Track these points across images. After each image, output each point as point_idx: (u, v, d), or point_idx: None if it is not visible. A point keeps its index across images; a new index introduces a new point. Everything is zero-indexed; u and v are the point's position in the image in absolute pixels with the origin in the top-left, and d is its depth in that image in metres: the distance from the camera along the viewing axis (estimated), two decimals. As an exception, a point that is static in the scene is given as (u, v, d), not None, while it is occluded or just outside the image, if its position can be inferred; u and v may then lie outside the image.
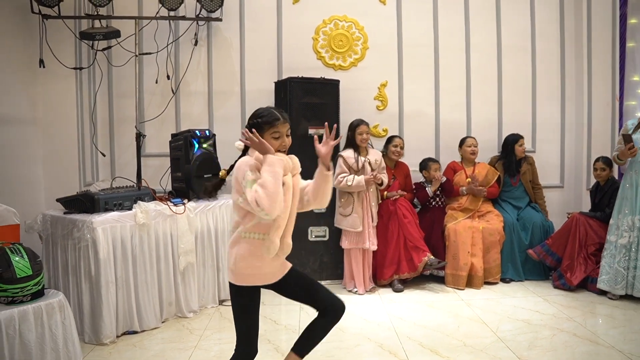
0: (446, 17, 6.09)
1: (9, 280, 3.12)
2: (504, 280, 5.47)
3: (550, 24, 6.22)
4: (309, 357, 2.82)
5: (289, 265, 2.79)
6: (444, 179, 5.66)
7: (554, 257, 5.32)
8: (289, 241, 2.66)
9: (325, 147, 2.64)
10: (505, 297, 5.02)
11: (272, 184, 2.44)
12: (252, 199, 2.42)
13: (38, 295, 3.26)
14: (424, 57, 6.10)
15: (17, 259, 3.20)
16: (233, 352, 2.67)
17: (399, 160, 5.73)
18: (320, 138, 2.71)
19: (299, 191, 2.71)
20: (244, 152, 2.70)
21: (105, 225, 3.97)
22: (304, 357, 2.80)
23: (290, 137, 2.70)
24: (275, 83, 5.71)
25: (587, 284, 5.13)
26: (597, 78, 6.10)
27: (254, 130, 2.56)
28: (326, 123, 2.79)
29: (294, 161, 2.68)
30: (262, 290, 2.71)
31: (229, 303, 4.70)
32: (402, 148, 5.63)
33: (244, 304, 2.66)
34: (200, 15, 5.60)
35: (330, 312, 2.78)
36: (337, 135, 2.72)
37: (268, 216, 2.45)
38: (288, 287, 2.77)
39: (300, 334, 2.85)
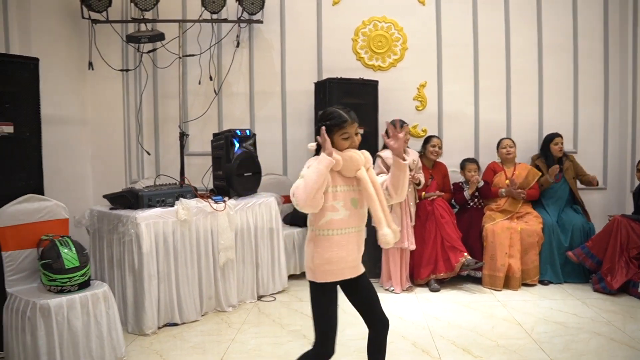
0: (486, 16, 6.07)
1: (58, 270, 3.31)
2: (542, 282, 5.41)
3: (593, 22, 6.11)
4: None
5: (363, 269, 2.82)
6: (482, 183, 5.65)
7: (594, 259, 5.23)
8: (395, 228, 2.70)
9: (395, 140, 2.65)
10: (542, 299, 4.97)
11: (311, 180, 2.50)
12: (291, 189, 2.54)
13: (84, 285, 3.44)
14: (463, 58, 6.10)
15: (65, 250, 3.38)
16: (311, 348, 2.66)
17: (437, 160, 5.75)
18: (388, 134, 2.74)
19: (378, 182, 2.73)
20: (317, 152, 2.71)
21: (148, 220, 4.13)
22: None
23: (359, 135, 2.73)
24: (315, 84, 5.80)
25: (629, 288, 5.02)
26: (643, 76, 5.99)
27: (322, 129, 2.60)
28: (387, 122, 2.83)
29: (365, 155, 2.72)
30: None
31: (268, 299, 4.88)
32: (440, 148, 5.66)
33: (325, 301, 2.66)
34: (241, 18, 5.75)
35: (380, 326, 2.79)
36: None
37: (299, 207, 2.53)
38: (356, 290, 2.79)
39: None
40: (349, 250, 2.68)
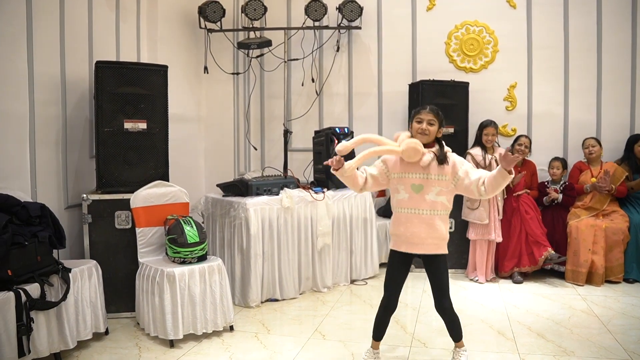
0: (577, 18, 6.15)
1: (182, 244, 3.93)
2: (627, 280, 5.44)
3: (692, 19, 6.03)
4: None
5: (443, 250, 3.27)
6: (560, 197, 5.77)
7: (680, 259, 5.25)
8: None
9: (505, 160, 2.99)
10: (625, 296, 5.05)
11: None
12: None
13: (202, 259, 4.03)
14: (553, 59, 6.22)
15: (188, 228, 3.99)
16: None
17: (526, 158, 5.96)
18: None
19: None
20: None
21: (256, 207, 4.69)
22: (458, 340, 3.49)
23: (433, 126, 3.22)
24: (409, 85, 6.16)
25: None
26: None
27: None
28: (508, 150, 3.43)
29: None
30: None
31: (360, 283, 5.34)
32: (527, 147, 5.84)
33: (389, 263, 3.38)
34: (341, 25, 6.22)
35: (437, 307, 3.35)
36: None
37: None
38: (427, 266, 3.33)
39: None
40: (407, 227, 3.20)
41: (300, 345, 3.87)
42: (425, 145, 3.19)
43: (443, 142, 3.29)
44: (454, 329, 3.40)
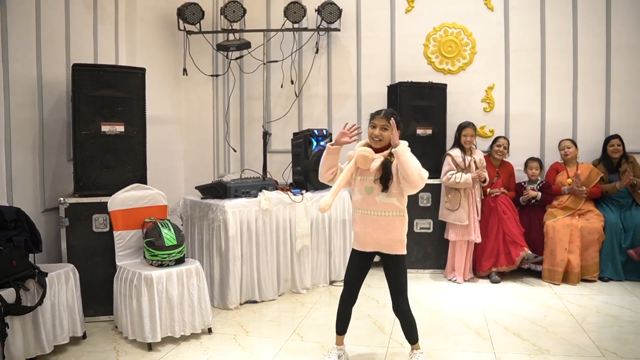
0: (554, 21, 6.23)
1: (159, 247, 3.94)
2: (602, 278, 5.53)
3: (665, 21, 6.13)
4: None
5: (399, 251, 3.35)
6: (539, 196, 5.86)
7: (655, 258, 5.34)
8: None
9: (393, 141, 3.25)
10: (600, 294, 5.13)
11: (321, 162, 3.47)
12: None
13: (180, 261, 4.04)
14: (531, 61, 6.30)
15: (165, 231, 4.00)
16: None
17: (504, 159, 6.03)
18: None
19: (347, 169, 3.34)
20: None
21: (234, 209, 4.69)
22: (414, 343, 3.50)
23: (386, 131, 3.32)
24: (388, 87, 6.21)
25: (690, 287, 5.13)
26: None
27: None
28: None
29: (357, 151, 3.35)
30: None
31: (339, 284, 5.36)
32: (505, 148, 5.92)
33: (349, 260, 3.52)
34: (320, 27, 6.24)
35: (393, 308, 3.44)
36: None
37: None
38: (385, 265, 3.43)
39: None
40: (362, 227, 3.33)
41: (278, 347, 3.89)
42: (380, 149, 3.32)
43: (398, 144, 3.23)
44: (410, 331, 3.45)
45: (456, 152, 5.66)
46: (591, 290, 5.28)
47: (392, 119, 3.24)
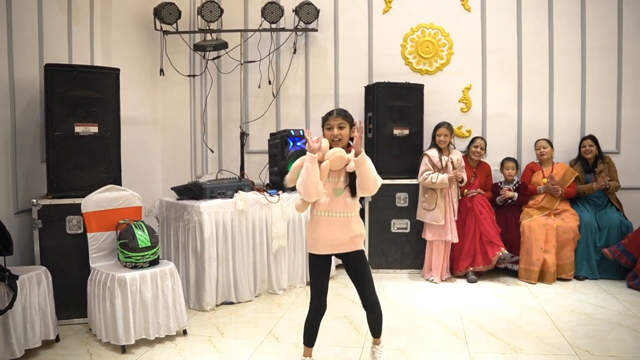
0: (530, 21, 6.29)
1: (133, 249, 3.90)
2: (577, 277, 5.59)
3: (639, 23, 6.17)
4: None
5: (359, 246, 3.33)
6: (515, 196, 5.89)
7: (629, 257, 5.37)
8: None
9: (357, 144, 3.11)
10: (575, 292, 5.19)
11: (302, 176, 3.12)
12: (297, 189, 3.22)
13: (154, 263, 4.01)
14: (507, 61, 6.35)
15: (139, 232, 3.97)
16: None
17: (481, 160, 6.07)
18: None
19: (322, 169, 3.16)
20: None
21: (210, 210, 4.67)
22: (379, 336, 3.49)
23: (344, 129, 3.23)
24: (365, 87, 6.22)
25: (663, 286, 5.18)
26: (689, 77, 6.06)
27: (307, 131, 3.28)
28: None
29: (329, 151, 3.19)
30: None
31: (316, 284, 5.34)
32: (482, 149, 5.96)
33: (311, 267, 3.37)
34: (298, 27, 6.24)
35: (365, 305, 3.35)
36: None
37: (307, 199, 3.23)
38: (348, 265, 3.38)
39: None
40: (328, 230, 3.23)
41: (253, 348, 3.89)
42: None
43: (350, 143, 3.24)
44: (380, 324, 3.44)
45: (433, 152, 5.69)
46: (567, 289, 5.33)
47: (359, 121, 3.13)
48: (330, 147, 3.21)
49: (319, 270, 3.33)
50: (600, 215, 5.79)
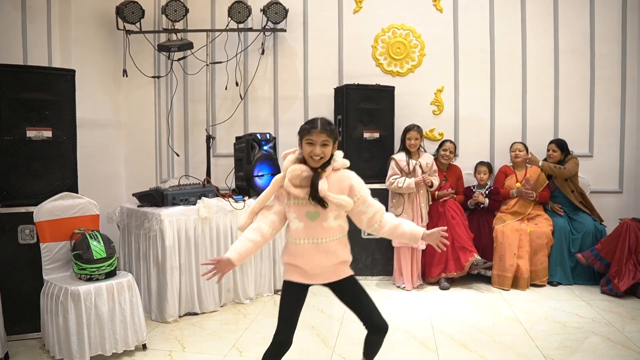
0: (502, 23, 6.22)
1: (88, 260, 3.70)
2: (551, 283, 5.54)
3: (611, 25, 6.15)
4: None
5: (347, 273, 2.92)
6: (486, 202, 5.80)
7: (602, 262, 5.33)
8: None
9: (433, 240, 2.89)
10: (548, 299, 5.12)
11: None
12: None
13: (111, 275, 3.81)
14: (480, 63, 6.27)
15: (95, 243, 3.77)
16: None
17: (451, 163, 5.97)
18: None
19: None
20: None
21: (171, 217, 4.49)
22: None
23: (327, 147, 2.76)
24: (335, 89, 6.08)
25: (637, 291, 5.12)
26: (661, 80, 6.04)
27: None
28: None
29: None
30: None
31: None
32: (451, 152, 5.86)
33: (284, 296, 2.87)
34: (266, 27, 6.07)
35: (371, 330, 2.93)
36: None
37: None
38: (341, 292, 2.94)
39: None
40: (309, 257, 2.81)
41: (215, 364, 3.72)
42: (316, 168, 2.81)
43: (337, 159, 2.86)
44: (379, 347, 3.02)
45: (400, 157, 5.57)
46: (540, 295, 5.26)
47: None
48: (303, 163, 2.81)
49: (289, 299, 2.86)
50: (574, 220, 5.73)
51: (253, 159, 5.22)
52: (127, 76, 5.94)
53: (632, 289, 5.14)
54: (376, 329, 2.89)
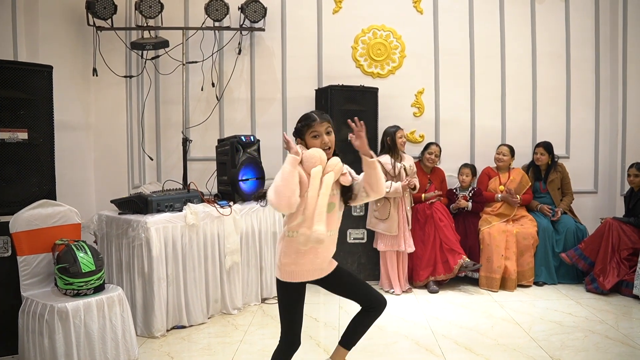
0: (482, 25, 6.21)
1: (75, 274, 3.39)
2: (537, 283, 5.56)
3: (585, 30, 6.25)
4: (351, 353, 3.06)
5: (335, 263, 2.91)
6: (469, 206, 5.74)
7: (586, 261, 5.40)
8: (317, 228, 2.58)
9: (358, 139, 2.77)
10: (538, 299, 5.12)
11: (277, 179, 2.59)
12: (267, 195, 2.61)
13: (100, 289, 3.51)
14: (460, 65, 6.23)
15: (82, 255, 3.46)
16: (278, 342, 2.81)
17: (436, 165, 5.88)
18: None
19: (329, 186, 2.69)
20: None
21: (158, 225, 4.19)
22: (351, 349, 3.02)
23: (332, 135, 2.83)
24: (316, 90, 5.89)
25: (621, 288, 5.20)
26: (632, 84, 6.12)
27: (284, 132, 2.76)
28: (349, 120, 2.85)
29: (331, 161, 2.76)
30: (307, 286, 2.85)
31: (271, 301, 4.97)
32: (437, 156, 5.79)
33: (287, 299, 2.79)
34: (243, 26, 5.83)
35: (372, 308, 2.94)
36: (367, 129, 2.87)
37: (274, 208, 2.67)
38: (333, 283, 2.90)
39: (344, 329, 3.05)
40: (316, 253, 2.74)
41: (216, 382, 3.47)
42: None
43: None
44: (369, 326, 3.02)
45: (386, 159, 5.43)
46: (529, 295, 5.26)
47: (359, 121, 2.78)
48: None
49: (295, 300, 2.78)
50: (556, 220, 5.73)
51: (238, 163, 4.97)
52: (97, 75, 5.57)
53: (617, 287, 5.23)
54: (377, 304, 2.94)
